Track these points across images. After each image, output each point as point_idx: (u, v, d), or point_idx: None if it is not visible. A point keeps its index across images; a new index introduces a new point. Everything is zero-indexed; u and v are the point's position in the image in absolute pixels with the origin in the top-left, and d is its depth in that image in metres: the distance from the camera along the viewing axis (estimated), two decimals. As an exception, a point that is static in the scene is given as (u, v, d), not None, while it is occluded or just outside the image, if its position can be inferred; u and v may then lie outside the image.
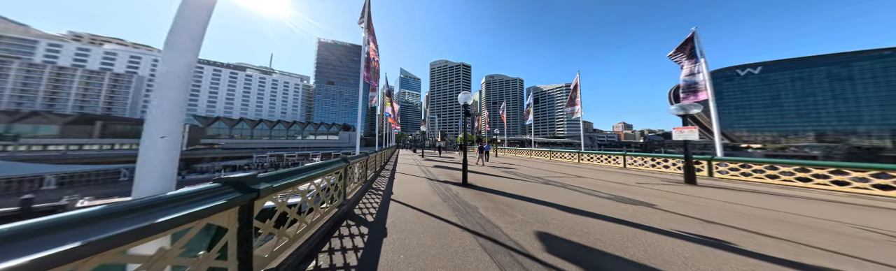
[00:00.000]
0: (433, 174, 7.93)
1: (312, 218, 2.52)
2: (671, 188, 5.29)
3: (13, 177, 27.24)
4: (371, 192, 4.91)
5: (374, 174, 7.25)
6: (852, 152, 52.28)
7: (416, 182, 6.32)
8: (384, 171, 8.66)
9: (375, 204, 4.02)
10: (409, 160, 14.17)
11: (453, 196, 4.64)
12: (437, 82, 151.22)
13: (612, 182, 6.12)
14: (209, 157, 49.25)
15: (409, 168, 9.83)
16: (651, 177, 6.98)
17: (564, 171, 8.26)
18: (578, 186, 5.53)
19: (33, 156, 36.22)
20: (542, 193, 4.79)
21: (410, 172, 8.35)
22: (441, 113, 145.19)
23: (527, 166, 10.39)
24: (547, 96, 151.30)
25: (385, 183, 6.17)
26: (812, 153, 54.61)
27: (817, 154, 53.54)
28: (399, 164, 11.33)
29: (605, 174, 7.53)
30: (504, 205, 3.85)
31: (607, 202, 4.08)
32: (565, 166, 10.10)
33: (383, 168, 9.68)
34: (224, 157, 50.33)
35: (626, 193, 4.80)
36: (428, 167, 10.06)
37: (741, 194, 4.73)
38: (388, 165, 10.77)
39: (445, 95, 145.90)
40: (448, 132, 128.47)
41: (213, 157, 49.60)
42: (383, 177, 7.29)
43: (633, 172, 7.82)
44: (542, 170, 8.98)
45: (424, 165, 10.90)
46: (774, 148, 62.91)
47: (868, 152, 51.31)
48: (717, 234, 2.60)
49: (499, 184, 6.02)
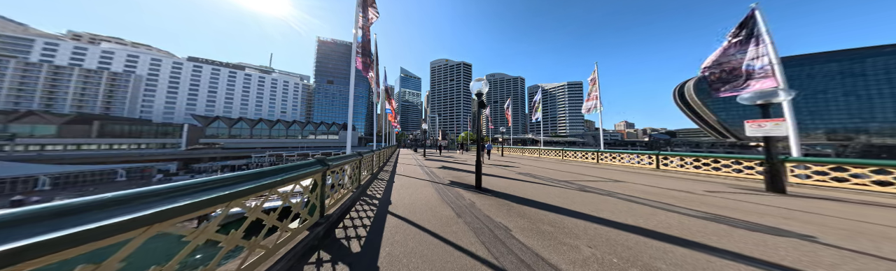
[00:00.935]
0: (438, 176, 7.01)
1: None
2: (764, 199, 4.09)
3: (6, 177, 26.52)
4: (364, 201, 3.94)
5: (370, 176, 6.34)
6: (867, 150, 50.84)
7: (419, 186, 5.35)
8: (383, 173, 7.72)
9: (367, 220, 3.02)
10: (410, 160, 13.26)
11: (468, 206, 3.64)
12: (438, 81, 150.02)
13: (668, 189, 5.01)
14: (208, 157, 48.57)
15: (411, 169, 8.91)
16: (708, 182, 5.79)
17: (590, 173, 7.21)
18: (632, 195, 4.37)
19: (21, 156, 35.58)
20: (588, 205, 3.71)
21: (412, 174, 7.42)
22: (441, 112, 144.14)
23: (539, 166, 9.43)
24: (549, 95, 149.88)
25: (383, 187, 5.21)
26: (823, 151, 53.21)
27: (830, 152, 52.14)
28: (400, 165, 10.41)
29: (644, 177, 6.48)
30: (547, 225, 2.78)
31: (708, 224, 2.80)
32: (584, 167, 9.08)
33: (382, 169, 8.76)
34: (223, 157, 49.64)
35: (714, 208, 3.53)
36: (432, 168, 9.13)
37: (884, 211, 3.39)
38: (388, 166, 9.85)
39: (446, 94, 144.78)
40: (449, 131, 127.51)
41: (212, 157, 48.93)
42: (381, 179, 6.35)
43: (674, 175, 6.73)
44: (561, 171, 7.97)
45: (427, 166, 10.00)
46: (785, 146, 61.51)
47: (883, 150, 49.88)
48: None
49: (520, 189, 5.00)
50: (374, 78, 10.11)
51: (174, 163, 44.22)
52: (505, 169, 8.73)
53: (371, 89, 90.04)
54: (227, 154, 50.64)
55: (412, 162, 12.07)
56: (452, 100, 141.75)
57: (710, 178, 6.25)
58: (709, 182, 5.79)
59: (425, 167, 9.47)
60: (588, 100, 11.10)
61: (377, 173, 7.41)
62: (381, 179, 6.42)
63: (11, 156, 35.90)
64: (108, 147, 47.04)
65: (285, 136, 62.91)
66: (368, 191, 4.78)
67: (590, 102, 11.11)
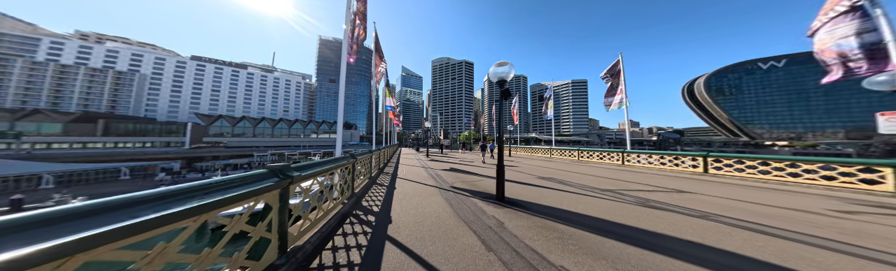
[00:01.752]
0: (446, 180, 6.09)
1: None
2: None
3: (9, 175, 26.39)
4: (356, 219, 3.01)
5: (368, 181, 5.41)
6: (891, 150, 48.40)
7: (425, 195, 4.41)
8: (383, 176, 6.80)
9: (355, 253, 2.07)
10: (412, 161, 12.30)
11: (496, 229, 2.66)
12: (439, 80, 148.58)
13: (767, 205, 3.72)
14: (211, 156, 48.47)
15: (414, 171, 7.98)
16: (799, 194, 4.43)
17: (629, 179, 6.14)
18: (737, 218, 3.06)
19: (28, 154, 35.65)
20: (685, 232, 2.57)
21: (416, 178, 6.50)
22: (443, 111, 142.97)
23: (557, 169, 8.42)
24: (551, 93, 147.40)
25: (382, 196, 4.29)
26: (845, 151, 50.88)
27: (851, 152, 49.80)
28: (402, 166, 9.48)
29: (704, 185, 5.24)
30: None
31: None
32: (610, 170, 7.99)
33: (382, 171, 7.83)
34: (227, 156, 49.51)
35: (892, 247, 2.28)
36: (436, 170, 8.17)
37: None
38: (389, 167, 8.94)
39: (447, 93, 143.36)
40: (450, 130, 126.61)
41: (214, 156, 48.81)
42: (381, 185, 5.43)
43: (738, 182, 5.47)
44: (589, 175, 6.93)
45: (431, 167, 9.06)
46: (803, 145, 58.79)
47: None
48: None
49: (557, 201, 3.96)
50: (382, 74, 9.18)
51: (178, 161, 44.13)
52: (519, 171, 7.72)
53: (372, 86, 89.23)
54: (229, 153, 50.50)
55: (415, 162, 11.13)
56: (454, 99, 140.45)
57: (786, 186, 5.10)
58: (800, 193, 4.52)
59: (429, 169, 8.54)
60: (611, 94, 9.91)
61: (376, 176, 6.50)
62: (380, 184, 5.49)
63: (19, 153, 36.04)
64: (114, 145, 47.18)
65: (288, 135, 62.67)
66: (364, 202, 3.86)
67: (615, 97, 9.92)
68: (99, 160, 37.33)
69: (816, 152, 52.20)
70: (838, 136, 59.44)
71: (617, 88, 9.80)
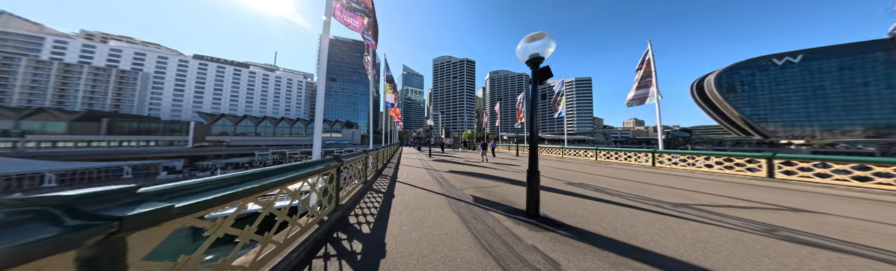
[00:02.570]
0: (455, 186, 5.14)
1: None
2: None
3: (11, 174, 26.20)
4: (337, 246, 2.05)
5: (362, 186, 4.51)
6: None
7: (431, 208, 3.45)
8: (381, 179, 5.89)
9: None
10: (414, 161, 11.44)
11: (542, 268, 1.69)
12: (441, 79, 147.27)
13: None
14: (213, 155, 48.32)
15: (417, 173, 7.04)
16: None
17: (678, 185, 5.02)
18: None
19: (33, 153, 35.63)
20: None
21: (419, 182, 5.56)
22: (444, 110, 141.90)
23: (580, 171, 7.36)
24: (555, 92, 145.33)
25: (376, 207, 3.39)
26: (866, 149, 48.66)
27: (873, 150, 47.60)
28: (402, 167, 8.60)
29: (802, 198, 4.01)
30: None
31: None
32: (642, 173, 6.88)
33: (380, 173, 6.89)
34: (228, 155, 49.33)
35: None
36: (441, 172, 7.24)
37: None
38: (389, 169, 8.03)
39: (449, 92, 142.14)
40: (452, 129, 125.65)
41: (217, 155, 48.65)
42: (378, 191, 4.51)
43: (830, 192, 4.33)
44: (625, 180, 5.84)
45: (435, 169, 8.12)
46: (822, 143, 56.20)
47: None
48: None
49: (615, 219, 2.95)
50: (370, 62, 8.11)
51: (181, 160, 43.98)
52: None
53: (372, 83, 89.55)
54: (231, 151, 50.30)
55: (417, 163, 10.21)
56: (455, 98, 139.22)
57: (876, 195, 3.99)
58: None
59: (434, 171, 7.59)
60: (638, 87, 8.69)
61: (373, 180, 5.57)
62: (377, 191, 4.58)
63: (24, 152, 36.07)
64: (118, 144, 47.23)
65: (289, 134, 62.37)
66: (352, 218, 2.91)
67: (642, 90, 8.70)
68: (102, 158, 37.23)
69: (858, 151, 49.04)
70: (856, 134, 56.96)
71: (647, 79, 8.58)
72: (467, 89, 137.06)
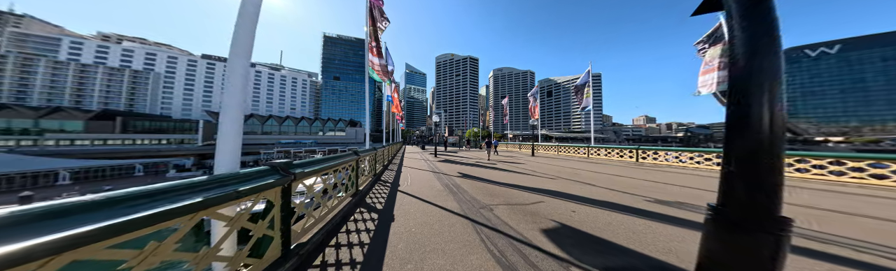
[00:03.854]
0: (475, 198, 3.92)
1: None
2: None
3: (27, 171, 27.35)
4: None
5: (350, 199, 3.50)
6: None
7: (455, 249, 2.13)
8: (380, 186, 4.90)
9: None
10: (418, 162, 10.23)
11: None
12: (444, 77, 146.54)
13: None
14: (221, 153, 49.45)
15: (422, 178, 5.97)
16: None
17: (823, 204, 3.61)
18: None
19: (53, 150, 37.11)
20: None
21: (428, 194, 4.26)
22: (447, 108, 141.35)
23: (634, 177, 6.09)
24: (561, 89, 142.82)
25: (362, 242, 2.27)
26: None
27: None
28: (406, 170, 7.59)
29: None
30: None
31: None
32: (706, 177, 5.85)
33: (379, 178, 5.88)
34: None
35: None
36: (452, 177, 6.03)
37: None
38: (390, 171, 7.20)
39: (452, 90, 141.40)
40: (455, 127, 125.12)
41: (224, 153, 49.76)
42: (371, 207, 3.44)
43: None
44: (709, 190, 4.48)
45: (444, 172, 6.91)
46: (863, 141, 50.71)
47: None
48: None
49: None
50: (379, 64, 7.52)
51: (191, 158, 45.17)
52: (580, 181, 5.48)
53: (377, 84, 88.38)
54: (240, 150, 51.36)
55: (422, 164, 9.12)
56: (459, 96, 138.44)
57: None
58: None
59: (441, 174, 6.44)
60: (708, 70, 6.22)
61: (366, 192, 4.34)
62: (370, 207, 3.44)
63: (45, 150, 37.69)
64: (132, 142, 48.82)
65: (294, 133, 63.28)
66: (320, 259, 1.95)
67: (710, 75, 6.22)
68: (117, 156, 38.54)
69: (882, 149, 44.35)
70: (894, 130, 51.99)
71: (715, 62, 6.55)
72: (470, 87, 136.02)
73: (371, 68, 7.58)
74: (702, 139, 75.71)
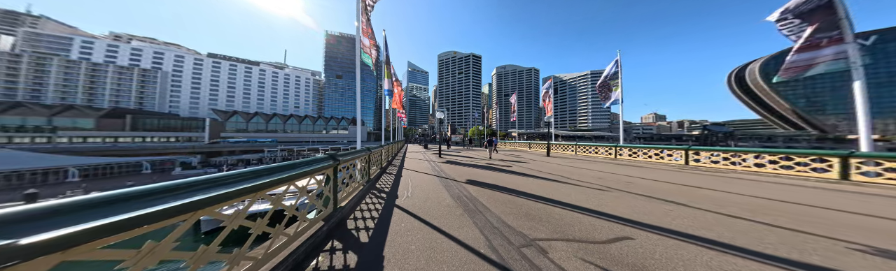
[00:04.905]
0: (516, 230, 2.40)
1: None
2: None
3: (37, 168, 27.89)
4: None
5: (322, 226, 2.28)
6: None
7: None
8: (371, 199, 3.72)
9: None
10: (422, 164, 8.94)
11: None
12: (446, 75, 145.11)
13: None
14: (227, 151, 50.03)
15: (425, 184, 4.87)
16: None
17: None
18: None
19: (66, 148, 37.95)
20: None
21: (434, 216, 2.93)
22: (450, 106, 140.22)
23: (657, 180, 5.22)
24: (567, 86, 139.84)
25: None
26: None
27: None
28: (407, 173, 6.41)
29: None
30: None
31: None
32: (800, 190, 4.34)
33: (374, 185, 4.75)
34: (241, 151, 50.94)
35: None
36: (463, 184, 4.81)
37: None
38: (389, 175, 6.03)
39: (454, 88, 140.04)
40: (458, 126, 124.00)
41: (230, 151, 50.34)
42: (348, 245, 2.09)
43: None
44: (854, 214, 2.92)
45: (453, 177, 5.63)
46: None
47: None
48: None
49: None
50: (373, 54, 6.96)
51: (197, 156, 45.77)
52: (643, 194, 3.94)
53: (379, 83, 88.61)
54: (244, 148, 51.91)
55: (425, 166, 7.94)
56: (461, 94, 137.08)
57: None
58: None
59: (452, 182, 5.05)
60: (803, 48, 5.42)
61: (353, 207, 3.21)
62: (350, 240, 2.20)
63: (58, 147, 38.64)
64: (142, 140, 49.75)
65: (298, 131, 63.62)
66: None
67: (805, 54, 5.68)
68: (126, 154, 39.23)
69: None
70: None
71: (830, 34, 5.39)
72: (473, 85, 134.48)
73: (364, 52, 6.90)
74: (721, 137, 69.43)
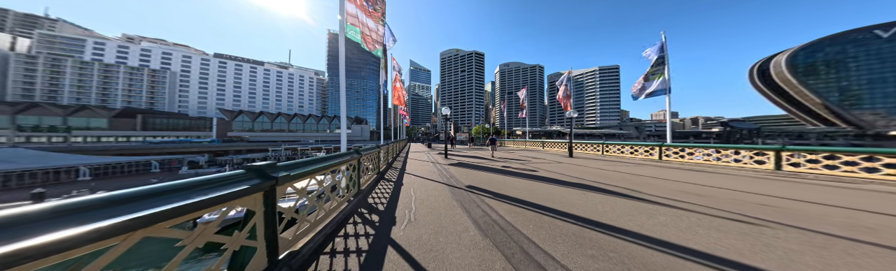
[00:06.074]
0: None
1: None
2: None
3: (49, 167, 28.79)
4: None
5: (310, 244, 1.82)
6: None
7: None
8: (353, 238, 2.18)
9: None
10: (426, 166, 7.89)
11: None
12: (448, 73, 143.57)
13: None
14: (234, 150, 50.93)
15: (433, 200, 3.52)
16: None
17: None
18: None
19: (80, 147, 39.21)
20: None
21: (453, 247, 1.97)
22: (452, 105, 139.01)
23: (774, 196, 3.61)
24: (573, 83, 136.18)
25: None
26: None
27: None
28: (410, 182, 5.12)
29: None
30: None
31: None
32: None
33: (365, 199, 3.58)
34: (248, 150, 51.77)
35: None
36: (486, 199, 3.53)
37: None
38: (387, 183, 5.05)
39: (457, 86, 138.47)
40: (461, 124, 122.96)
41: (237, 150, 51.23)
42: None
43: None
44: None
45: (468, 189, 4.32)
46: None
47: None
48: None
49: None
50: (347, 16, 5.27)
51: (205, 155, 46.73)
52: None
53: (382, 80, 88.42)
54: (250, 147, 52.74)
55: (431, 171, 6.67)
56: (464, 93, 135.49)
57: None
58: None
59: (470, 195, 3.76)
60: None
61: (335, 232, 2.32)
62: None
63: (73, 146, 40.00)
64: (152, 139, 51.04)
65: (302, 130, 64.16)
66: None
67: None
68: (137, 153, 40.28)
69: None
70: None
71: None
72: (476, 83, 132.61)
73: (350, 25, 4.84)
74: (745, 135, 64.78)
